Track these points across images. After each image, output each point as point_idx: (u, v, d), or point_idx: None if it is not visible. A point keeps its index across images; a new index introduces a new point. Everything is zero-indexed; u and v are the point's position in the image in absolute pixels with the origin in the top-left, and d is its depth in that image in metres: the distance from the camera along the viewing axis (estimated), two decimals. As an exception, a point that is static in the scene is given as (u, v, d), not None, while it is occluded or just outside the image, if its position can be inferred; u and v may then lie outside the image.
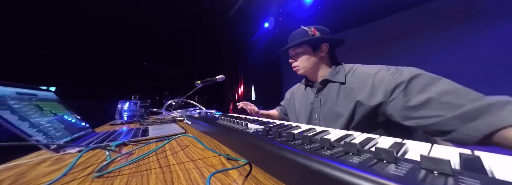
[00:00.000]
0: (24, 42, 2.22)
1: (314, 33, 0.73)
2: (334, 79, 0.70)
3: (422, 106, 0.45)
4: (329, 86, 0.72)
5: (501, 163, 0.18)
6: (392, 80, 0.53)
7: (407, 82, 0.49)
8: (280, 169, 0.26)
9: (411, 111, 0.47)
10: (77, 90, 2.53)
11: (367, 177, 0.15)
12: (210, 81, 1.28)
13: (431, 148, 0.23)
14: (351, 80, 0.66)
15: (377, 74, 0.58)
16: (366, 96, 0.58)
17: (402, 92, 0.49)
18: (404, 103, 0.48)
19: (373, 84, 0.57)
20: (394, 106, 0.51)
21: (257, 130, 0.39)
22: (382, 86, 0.54)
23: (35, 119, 0.48)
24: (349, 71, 0.69)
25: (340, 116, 0.64)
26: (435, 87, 0.45)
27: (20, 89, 0.52)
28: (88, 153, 0.45)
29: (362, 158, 0.20)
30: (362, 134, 0.32)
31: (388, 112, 0.53)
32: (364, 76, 0.62)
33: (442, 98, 0.42)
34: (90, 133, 0.70)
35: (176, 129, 0.70)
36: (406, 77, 0.50)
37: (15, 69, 2.16)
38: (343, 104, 0.64)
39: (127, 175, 0.31)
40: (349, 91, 0.64)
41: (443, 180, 0.14)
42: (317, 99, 0.75)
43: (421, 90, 0.46)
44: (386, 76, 0.55)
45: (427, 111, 0.44)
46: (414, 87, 0.48)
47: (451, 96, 0.42)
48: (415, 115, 0.46)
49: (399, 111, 0.50)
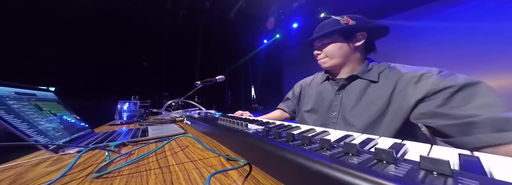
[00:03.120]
0: (24, 42, 2.22)
1: (347, 22, 0.63)
2: (365, 77, 0.62)
3: (454, 114, 0.42)
4: (355, 83, 0.64)
5: (500, 164, 0.18)
6: (441, 82, 0.47)
7: (459, 87, 0.44)
8: (280, 170, 0.26)
9: (440, 115, 0.44)
10: (76, 91, 2.52)
11: (367, 178, 0.16)
12: (210, 82, 1.28)
13: (431, 148, 0.23)
14: (386, 79, 0.58)
15: (423, 75, 0.52)
16: (401, 97, 0.53)
17: (446, 95, 0.45)
18: (437, 106, 0.45)
19: (416, 84, 0.51)
20: (424, 106, 0.48)
21: (257, 130, 0.39)
22: (427, 87, 0.49)
23: (34, 119, 0.48)
24: (384, 69, 0.61)
25: (367, 117, 0.57)
26: (479, 99, 0.41)
27: (19, 89, 0.52)
28: (87, 154, 0.45)
29: (361, 158, 0.20)
30: (362, 135, 0.32)
31: (416, 112, 0.50)
32: (405, 76, 0.55)
33: (478, 110, 0.40)
34: (90, 133, 0.70)
35: (176, 129, 0.70)
36: (460, 82, 0.44)
37: (14, 69, 2.15)
38: (371, 104, 0.58)
39: (127, 175, 0.31)
40: (381, 91, 0.58)
41: (443, 181, 0.14)
42: (338, 96, 0.67)
43: (465, 99, 0.42)
44: (435, 78, 0.49)
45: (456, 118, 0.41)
46: (461, 95, 0.43)
47: (488, 109, 0.39)
48: (440, 119, 0.44)
49: (425, 112, 0.47)
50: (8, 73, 2.07)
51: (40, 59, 2.34)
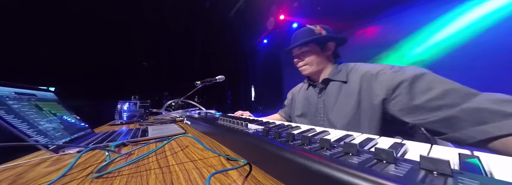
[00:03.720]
0: (24, 42, 2.22)
1: (320, 32, 0.71)
2: (336, 78, 0.69)
3: (426, 105, 0.45)
4: (331, 85, 0.71)
5: (500, 164, 0.18)
6: (394, 78, 0.52)
7: (411, 80, 0.49)
8: (280, 170, 0.26)
9: (414, 109, 0.47)
10: (76, 91, 2.52)
11: (367, 178, 0.16)
12: (210, 82, 1.28)
13: (431, 148, 0.23)
14: (353, 79, 0.65)
15: (379, 73, 0.58)
16: (368, 94, 0.58)
17: (405, 90, 0.49)
18: (407, 101, 0.48)
19: (375, 82, 0.57)
20: (396, 103, 0.51)
21: (257, 130, 0.39)
22: (384, 84, 0.54)
23: (34, 119, 0.48)
24: (351, 70, 0.68)
25: (345, 116, 0.62)
26: (439, 86, 0.44)
27: (19, 89, 0.52)
28: (87, 154, 0.45)
29: (361, 158, 0.20)
30: (362, 135, 0.32)
31: (391, 110, 0.53)
32: (366, 74, 0.62)
33: (446, 98, 0.42)
34: (90, 133, 0.70)
35: (176, 129, 0.70)
36: (409, 75, 0.50)
37: (14, 69, 2.15)
38: (346, 103, 0.64)
39: (127, 175, 0.31)
40: (350, 90, 0.64)
41: (443, 181, 0.14)
42: (320, 99, 0.74)
43: (426, 90, 0.46)
44: (388, 75, 0.55)
45: (431, 110, 0.44)
46: (418, 86, 0.48)
47: (454, 95, 0.42)
48: (418, 113, 0.46)
49: (402, 109, 0.50)
50: (8, 73, 2.07)
51: (40, 59, 2.34)
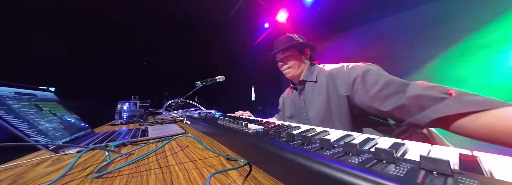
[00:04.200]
0: (24, 42, 2.22)
1: (298, 39, 0.82)
2: (308, 79, 0.78)
3: (377, 95, 0.52)
4: (307, 85, 0.80)
5: (500, 164, 0.18)
6: (349, 75, 0.61)
7: (362, 76, 0.57)
8: (280, 170, 0.26)
9: (371, 100, 0.54)
10: (76, 91, 2.52)
11: (367, 178, 0.16)
12: (210, 82, 1.28)
13: (431, 148, 0.23)
14: (321, 79, 0.74)
15: (339, 71, 0.66)
16: (333, 91, 0.66)
17: (360, 84, 0.57)
18: (365, 93, 0.56)
19: (337, 80, 0.65)
20: (358, 97, 0.58)
21: (256, 130, 0.39)
22: (344, 81, 0.62)
23: (34, 119, 0.48)
24: (320, 71, 0.77)
25: (319, 112, 0.70)
26: (381, 79, 0.53)
27: (19, 89, 0.51)
28: (87, 154, 0.45)
29: (361, 158, 0.20)
30: (362, 135, 0.32)
31: (356, 103, 0.60)
32: (329, 74, 0.70)
33: (389, 87, 0.50)
34: (90, 133, 0.70)
35: (176, 129, 0.70)
36: (359, 71, 0.58)
37: (14, 69, 2.15)
38: (318, 100, 0.72)
39: (127, 175, 0.31)
40: (320, 88, 0.72)
41: (443, 181, 0.14)
42: (301, 99, 0.82)
43: (374, 82, 0.54)
44: (346, 72, 0.63)
45: (382, 98, 0.51)
46: (368, 79, 0.56)
47: (393, 84, 0.50)
48: (375, 104, 0.53)
49: (362, 101, 0.57)
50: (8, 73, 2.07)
51: (40, 59, 2.34)
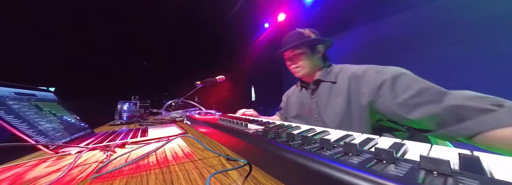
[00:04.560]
0: (24, 42, 2.22)
1: (309, 35, 0.74)
2: (326, 79, 0.72)
3: (407, 102, 0.47)
4: (322, 86, 0.74)
5: (500, 164, 0.18)
6: (376, 79, 0.56)
7: (391, 80, 0.52)
8: (280, 170, 0.26)
9: (398, 107, 0.49)
10: (76, 91, 2.52)
11: (367, 178, 0.15)
12: (210, 82, 1.28)
13: (431, 148, 0.23)
14: (342, 79, 0.68)
15: (364, 74, 0.61)
16: (356, 94, 0.61)
17: (388, 89, 0.52)
18: (391, 99, 0.51)
19: (362, 82, 0.60)
20: (382, 102, 0.53)
21: (256, 130, 0.39)
22: (370, 84, 0.57)
23: (34, 119, 0.48)
24: (339, 71, 0.71)
25: (337, 115, 0.65)
26: (415, 85, 0.48)
27: (19, 89, 0.51)
28: (87, 154, 0.45)
29: (361, 158, 0.20)
30: (362, 134, 0.32)
31: (379, 109, 0.55)
32: (353, 75, 0.64)
33: (422, 95, 0.45)
34: (90, 133, 0.70)
35: (176, 130, 0.70)
36: (389, 75, 0.53)
37: (14, 69, 2.15)
38: (336, 103, 0.66)
39: (126, 175, 0.31)
40: (340, 90, 0.66)
41: (443, 181, 0.14)
42: (313, 100, 0.76)
43: (405, 88, 0.49)
44: (372, 75, 0.58)
45: (412, 107, 0.46)
46: (398, 85, 0.51)
47: (428, 92, 0.45)
48: (402, 111, 0.48)
49: (388, 107, 0.52)
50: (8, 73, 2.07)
51: (40, 59, 2.34)
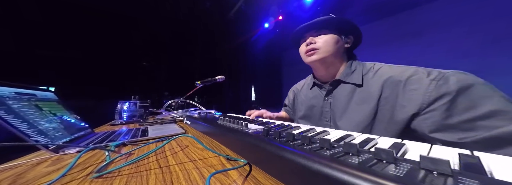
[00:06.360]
0: (24, 41, 2.22)
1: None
2: (348, 80, 0.59)
3: (463, 125, 0.37)
4: (341, 87, 0.61)
5: (500, 164, 0.18)
6: (433, 90, 0.41)
7: (454, 94, 0.39)
8: (280, 170, 0.26)
9: (447, 127, 0.39)
10: (76, 91, 2.52)
11: (367, 178, 0.15)
12: (210, 82, 1.28)
13: (431, 148, 0.23)
14: (371, 83, 0.54)
15: (411, 79, 0.46)
16: (389, 104, 0.48)
17: (444, 106, 0.39)
18: (442, 118, 0.39)
19: (404, 91, 0.46)
20: (426, 119, 0.42)
21: (257, 130, 0.39)
22: (417, 96, 0.43)
23: (34, 119, 0.48)
24: (368, 71, 0.57)
25: (358, 124, 0.53)
26: (486, 104, 0.36)
27: (19, 89, 0.51)
28: (87, 154, 0.45)
29: (361, 158, 0.20)
30: (362, 134, 0.32)
31: (416, 125, 0.44)
32: (391, 79, 0.50)
33: (491, 119, 0.35)
34: (90, 133, 0.70)
35: (176, 129, 0.70)
36: (453, 87, 0.39)
37: (14, 69, 2.15)
38: (359, 110, 0.54)
39: (127, 175, 0.31)
40: (366, 96, 0.53)
41: (443, 181, 0.14)
42: (327, 102, 0.65)
43: (469, 107, 0.37)
44: (425, 83, 0.43)
45: (468, 129, 0.36)
46: (461, 101, 0.38)
47: (503, 117, 0.34)
48: (450, 132, 0.38)
49: (432, 125, 0.41)
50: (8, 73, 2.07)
51: (40, 59, 2.34)
